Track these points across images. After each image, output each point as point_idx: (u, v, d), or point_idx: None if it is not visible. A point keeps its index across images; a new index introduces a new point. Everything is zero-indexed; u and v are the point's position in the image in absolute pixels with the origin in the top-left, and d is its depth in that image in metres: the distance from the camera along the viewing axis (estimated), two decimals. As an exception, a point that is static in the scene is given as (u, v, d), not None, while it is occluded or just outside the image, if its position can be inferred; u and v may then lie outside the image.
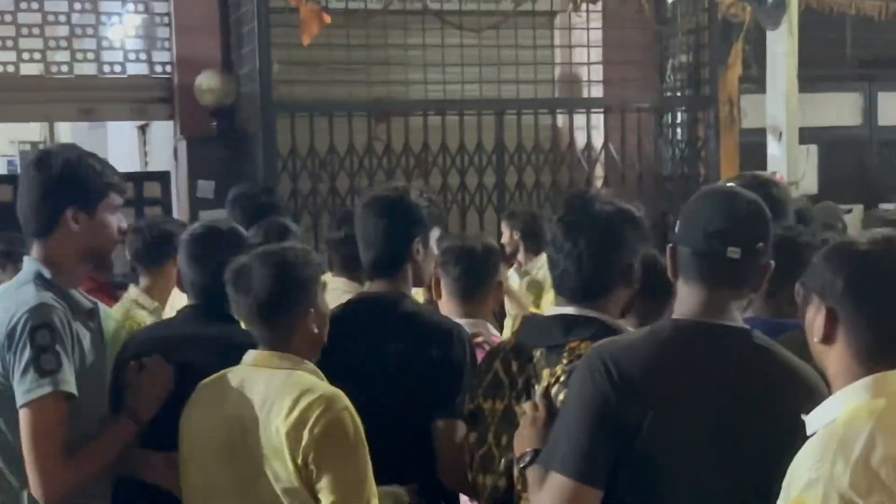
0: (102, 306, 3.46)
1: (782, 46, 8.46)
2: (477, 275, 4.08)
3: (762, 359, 2.58)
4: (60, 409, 2.96)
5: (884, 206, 9.89)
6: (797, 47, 8.49)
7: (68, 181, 3.13)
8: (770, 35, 8.56)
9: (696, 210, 2.68)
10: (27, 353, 2.95)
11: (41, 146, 17.09)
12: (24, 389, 2.95)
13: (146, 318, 4.42)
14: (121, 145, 12.32)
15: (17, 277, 3.22)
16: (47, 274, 3.12)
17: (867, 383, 2.20)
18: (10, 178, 12.65)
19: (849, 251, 2.27)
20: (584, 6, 8.95)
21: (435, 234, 3.57)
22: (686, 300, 2.65)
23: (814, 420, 2.25)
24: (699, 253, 2.61)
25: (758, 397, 2.52)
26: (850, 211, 8.94)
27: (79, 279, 3.30)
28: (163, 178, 9.15)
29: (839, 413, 2.20)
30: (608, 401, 2.53)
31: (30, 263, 3.18)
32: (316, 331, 3.10)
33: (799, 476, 2.16)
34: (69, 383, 2.97)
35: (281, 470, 2.91)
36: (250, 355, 3.08)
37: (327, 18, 7.93)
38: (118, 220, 3.23)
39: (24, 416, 2.95)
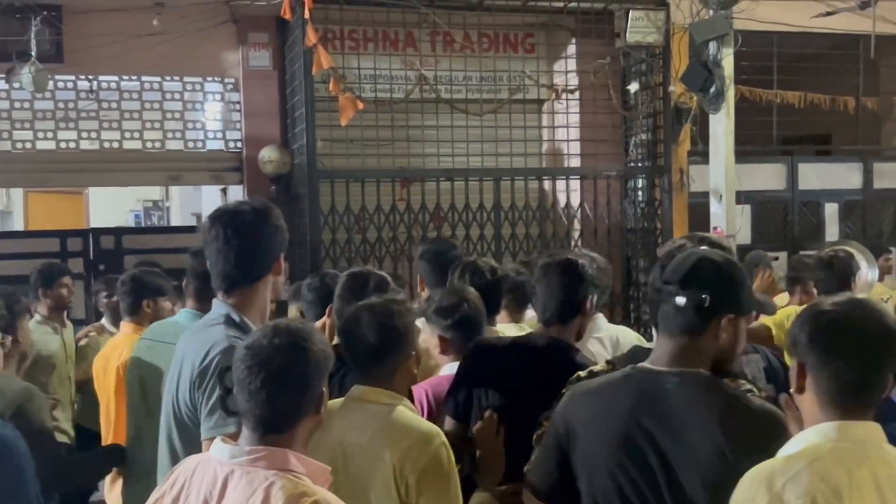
0: None
1: (722, 127, 8.24)
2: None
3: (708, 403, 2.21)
4: None
5: (803, 252, 9.57)
6: (734, 128, 8.26)
7: (280, 231, 2.76)
8: (712, 118, 8.34)
9: (660, 266, 2.42)
10: (216, 393, 2.57)
11: (160, 203, 17.28)
12: (210, 426, 2.56)
13: None
14: (209, 204, 12.15)
15: (206, 317, 2.77)
16: (236, 317, 2.68)
17: (824, 429, 1.95)
18: (141, 229, 12.80)
19: (814, 311, 2.06)
20: (564, 95, 8.82)
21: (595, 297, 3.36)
22: (655, 347, 2.40)
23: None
24: (655, 301, 2.37)
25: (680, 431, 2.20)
26: (777, 258, 8.69)
27: (265, 319, 2.79)
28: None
29: (791, 451, 1.96)
30: (560, 443, 2.43)
31: (220, 306, 2.72)
32: (414, 371, 2.87)
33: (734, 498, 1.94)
34: None
35: (384, 495, 2.64)
36: (357, 389, 2.81)
37: (360, 105, 7.77)
38: None
39: (206, 446, 2.48)
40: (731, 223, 8.26)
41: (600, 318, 4.12)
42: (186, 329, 3.02)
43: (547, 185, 9.24)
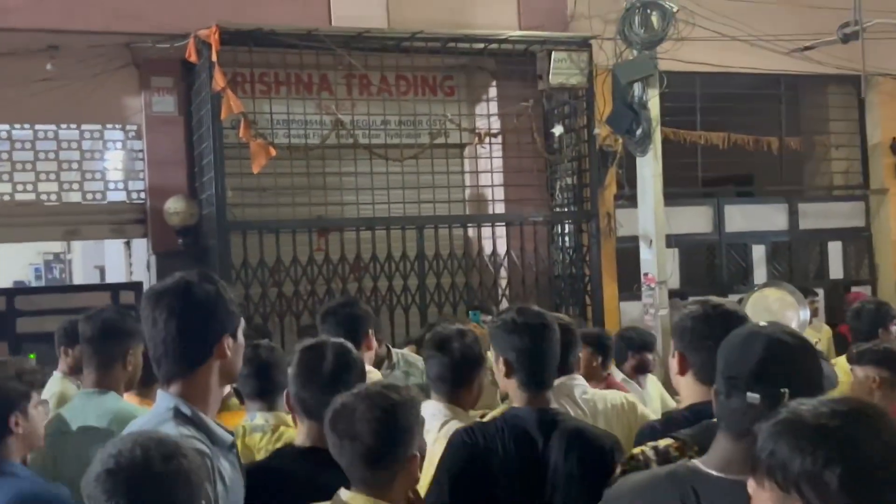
0: None
1: (649, 169, 8.05)
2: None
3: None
4: None
5: (731, 296, 9.41)
6: (661, 170, 8.07)
7: (220, 308, 2.32)
8: (639, 161, 8.15)
9: (724, 357, 2.13)
10: None
11: (62, 255, 16.40)
12: None
13: None
14: (113, 257, 11.46)
15: (152, 414, 2.37)
16: (186, 410, 2.29)
17: None
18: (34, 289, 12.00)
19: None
20: (487, 139, 8.55)
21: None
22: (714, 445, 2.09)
23: None
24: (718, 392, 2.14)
25: None
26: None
27: (217, 408, 2.43)
28: (136, 287, 8.32)
29: None
30: None
31: (166, 399, 2.33)
32: (417, 475, 2.37)
33: None
34: None
35: None
36: (346, 495, 2.31)
37: (273, 151, 7.37)
38: None
39: None
40: (662, 269, 8.04)
41: (579, 378, 3.72)
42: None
43: (472, 232, 8.97)
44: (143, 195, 8.40)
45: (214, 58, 7.28)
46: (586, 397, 3.61)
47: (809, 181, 10.61)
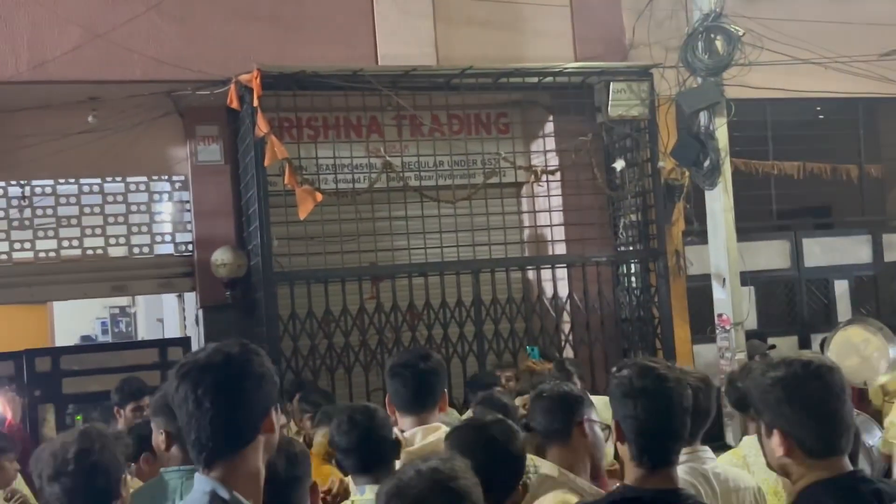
0: None
1: (719, 203, 7.58)
2: None
3: None
4: None
5: (814, 335, 8.80)
6: (732, 204, 7.56)
7: (267, 380, 2.11)
8: (708, 194, 7.67)
9: None
10: None
11: (127, 309, 16.33)
12: None
13: None
14: (171, 309, 11.28)
15: (188, 499, 2.14)
16: (225, 494, 2.06)
17: None
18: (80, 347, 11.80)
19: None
20: (544, 177, 8.13)
21: None
22: None
23: None
24: None
25: None
26: (773, 346, 7.92)
27: (261, 483, 2.16)
28: (185, 342, 8.07)
29: None
30: None
31: (204, 482, 2.10)
32: None
33: None
34: None
35: None
36: None
37: (319, 197, 7.07)
38: None
39: None
40: (737, 309, 7.52)
41: (707, 450, 3.21)
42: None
43: (531, 274, 8.51)
44: (190, 247, 8.17)
45: (256, 103, 7.03)
46: (718, 472, 3.10)
47: (891, 210, 9.94)
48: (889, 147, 9.76)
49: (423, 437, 3.35)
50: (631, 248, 8.43)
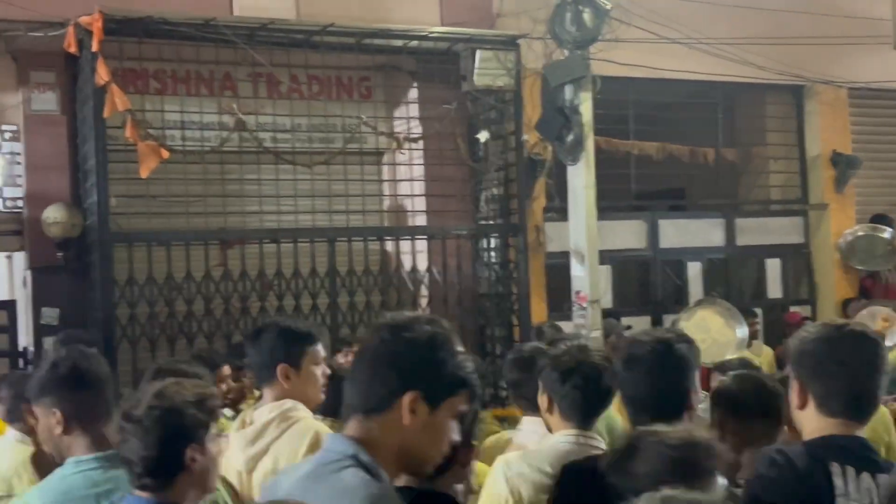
0: None
1: (581, 180, 7.46)
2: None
3: None
4: None
5: (666, 316, 8.87)
6: (594, 181, 7.47)
7: None
8: (570, 170, 7.54)
9: None
10: None
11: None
12: None
13: None
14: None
15: (321, 458, 1.93)
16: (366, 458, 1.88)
17: None
18: None
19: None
20: (406, 145, 7.85)
21: None
22: None
23: None
24: None
25: None
26: (629, 327, 7.91)
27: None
28: (9, 306, 7.42)
29: None
30: None
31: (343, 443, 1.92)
32: None
33: None
34: None
35: None
36: None
37: (164, 154, 6.58)
38: None
39: None
40: (595, 287, 7.44)
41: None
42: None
43: (389, 246, 8.23)
44: (20, 203, 7.50)
45: (97, 48, 6.48)
46: None
47: (746, 195, 10.15)
48: (745, 132, 9.93)
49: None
50: (491, 222, 8.29)
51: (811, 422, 2.30)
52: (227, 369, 4.87)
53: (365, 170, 7.99)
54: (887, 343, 7.50)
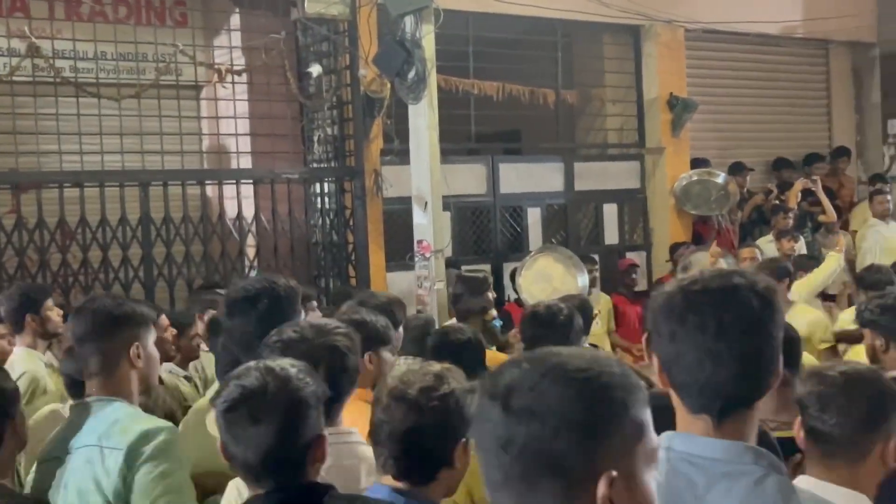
0: None
1: (424, 120, 7.00)
2: None
3: None
4: None
5: (507, 264, 8.55)
6: (437, 121, 6.98)
7: None
8: (412, 109, 7.03)
9: None
10: None
11: None
12: None
13: None
14: None
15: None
16: None
17: None
18: None
19: None
20: (229, 78, 7.13)
21: None
22: None
23: None
24: None
25: None
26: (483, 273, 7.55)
27: None
28: None
29: None
30: None
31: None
32: None
33: None
34: None
35: None
36: None
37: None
38: None
39: None
40: (438, 235, 7.03)
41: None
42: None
43: (211, 190, 7.53)
44: None
45: None
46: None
47: (584, 138, 9.92)
48: (583, 73, 9.67)
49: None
50: (325, 166, 7.75)
51: None
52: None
53: (182, 105, 7.25)
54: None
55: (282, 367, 1.99)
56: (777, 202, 9.34)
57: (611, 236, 9.53)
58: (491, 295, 5.37)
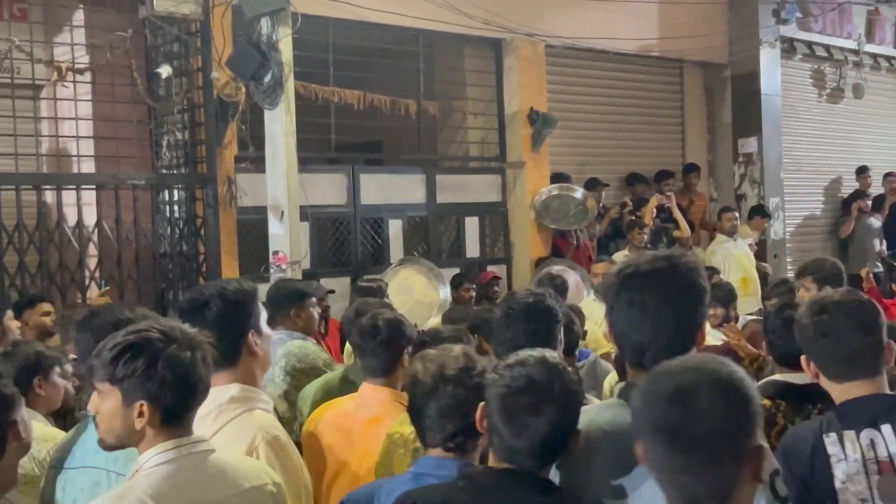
0: None
1: (281, 126, 6.78)
2: None
3: None
4: None
5: (367, 276, 8.37)
6: (295, 128, 6.76)
7: None
8: (268, 115, 6.79)
9: None
10: None
11: None
12: None
13: None
14: None
15: None
16: None
17: None
18: None
19: None
20: (70, 77, 6.72)
21: None
22: None
23: None
24: None
25: None
26: (332, 291, 7.27)
27: None
28: None
29: None
30: None
31: None
32: None
33: None
34: None
35: None
36: None
37: None
38: None
39: None
40: (296, 246, 6.80)
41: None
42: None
43: (49, 196, 7.05)
44: None
45: None
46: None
47: (446, 151, 9.85)
48: (445, 85, 9.60)
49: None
50: (175, 172, 7.36)
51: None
52: None
53: (18, 105, 6.71)
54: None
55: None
56: (633, 218, 9.51)
57: (472, 249, 9.48)
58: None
